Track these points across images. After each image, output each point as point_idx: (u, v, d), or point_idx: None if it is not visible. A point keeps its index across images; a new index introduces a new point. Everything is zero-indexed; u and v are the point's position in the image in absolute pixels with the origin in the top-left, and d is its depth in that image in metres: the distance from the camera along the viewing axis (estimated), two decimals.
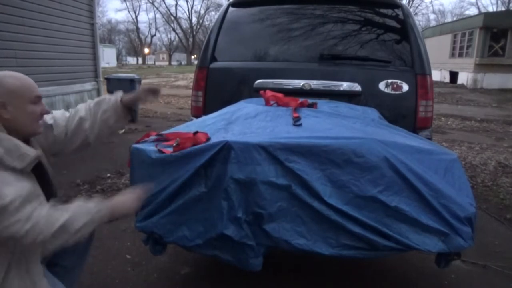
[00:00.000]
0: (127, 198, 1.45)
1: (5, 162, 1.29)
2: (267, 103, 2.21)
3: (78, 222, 1.31)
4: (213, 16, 50.02)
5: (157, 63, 68.17)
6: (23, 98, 1.40)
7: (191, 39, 59.12)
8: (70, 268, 1.76)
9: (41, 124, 1.48)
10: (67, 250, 1.70)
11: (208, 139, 1.63)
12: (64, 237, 1.30)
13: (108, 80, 7.60)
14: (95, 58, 7.00)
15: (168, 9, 71.82)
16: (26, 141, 1.51)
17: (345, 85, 2.56)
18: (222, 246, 1.57)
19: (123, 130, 6.70)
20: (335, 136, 1.59)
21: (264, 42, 2.85)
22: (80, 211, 1.34)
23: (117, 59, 55.47)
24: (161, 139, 1.82)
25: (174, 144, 1.64)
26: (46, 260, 1.64)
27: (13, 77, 1.43)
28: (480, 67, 16.58)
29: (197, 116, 2.64)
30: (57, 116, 1.70)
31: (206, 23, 57.51)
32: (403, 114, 2.55)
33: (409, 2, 35.95)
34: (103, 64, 10.77)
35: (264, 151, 1.50)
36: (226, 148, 1.51)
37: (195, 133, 1.66)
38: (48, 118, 1.66)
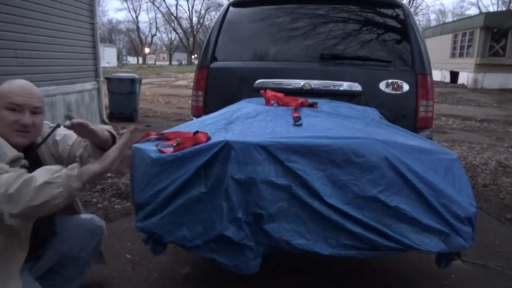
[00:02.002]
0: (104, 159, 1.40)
1: None
2: (267, 102, 2.21)
3: (39, 179, 1.24)
4: (214, 16, 50.08)
5: (157, 63, 68.24)
6: (0, 101, 1.43)
7: (191, 39, 59.15)
8: (70, 278, 1.77)
9: (19, 135, 1.45)
10: (69, 261, 1.71)
11: (209, 138, 1.63)
12: (26, 197, 1.22)
13: (108, 79, 7.60)
14: (95, 57, 6.99)
15: (169, 9, 71.81)
16: (30, 148, 1.52)
17: (345, 85, 2.56)
18: (221, 248, 1.56)
19: (124, 130, 6.71)
20: (336, 136, 1.59)
21: (264, 42, 2.85)
22: (42, 170, 1.29)
23: (118, 59, 55.49)
24: (162, 138, 1.82)
25: (174, 144, 1.63)
26: (45, 268, 1.65)
27: (9, 82, 1.47)
28: (481, 67, 16.57)
29: (198, 116, 2.63)
30: (67, 134, 1.70)
31: (207, 22, 57.62)
32: (404, 114, 2.54)
33: (409, 2, 35.93)
34: (103, 63, 10.77)
35: (265, 151, 1.50)
36: (226, 148, 1.50)
37: (195, 132, 1.66)
38: (57, 135, 1.68)
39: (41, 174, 1.26)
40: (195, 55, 56.02)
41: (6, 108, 1.42)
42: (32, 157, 1.52)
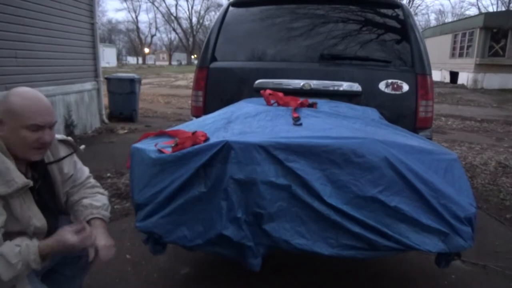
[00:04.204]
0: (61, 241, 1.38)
1: None
2: (267, 102, 2.21)
3: None
4: (213, 16, 50.10)
5: (157, 63, 68.24)
6: (18, 121, 1.36)
7: (191, 39, 59.17)
8: (70, 277, 1.77)
9: (38, 152, 1.43)
10: (70, 260, 1.71)
11: (207, 138, 1.63)
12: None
13: (108, 80, 7.60)
14: (95, 57, 6.98)
15: (168, 9, 72.01)
16: (40, 164, 1.51)
17: (345, 85, 2.56)
18: (222, 246, 1.57)
19: (126, 130, 6.71)
20: (335, 136, 1.59)
21: (264, 42, 2.85)
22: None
23: (117, 59, 55.49)
24: (161, 134, 1.83)
25: (173, 145, 1.63)
26: (46, 269, 1.65)
27: (21, 96, 1.38)
28: (481, 67, 16.58)
29: (197, 116, 2.63)
30: (84, 169, 1.74)
31: (206, 23, 57.68)
32: (403, 114, 2.54)
33: (409, 2, 35.92)
34: (103, 64, 10.76)
35: (264, 151, 1.50)
36: (226, 148, 1.51)
37: (194, 132, 1.66)
38: (78, 161, 1.69)
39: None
40: (195, 55, 56.04)
41: (25, 128, 1.36)
42: (41, 172, 1.52)
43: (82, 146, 1.74)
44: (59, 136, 1.67)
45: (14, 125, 1.36)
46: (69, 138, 1.71)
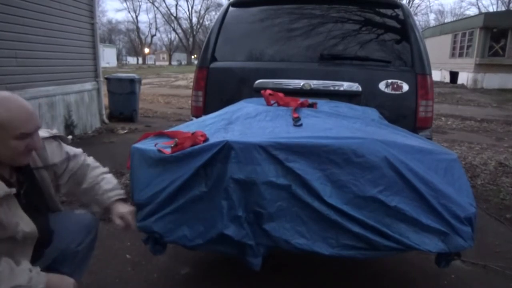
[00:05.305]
0: (64, 280, 1.47)
1: None
2: (267, 103, 2.21)
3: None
4: (213, 16, 50.16)
5: (157, 63, 68.32)
6: (6, 132, 1.32)
7: (191, 39, 59.20)
8: (68, 274, 1.76)
9: (27, 156, 1.42)
10: (67, 257, 1.70)
11: (206, 138, 1.63)
12: None
13: (108, 80, 7.60)
14: (95, 58, 6.98)
15: (169, 9, 72.01)
16: (26, 168, 1.50)
17: (345, 85, 2.56)
18: (223, 245, 1.57)
19: (126, 130, 6.71)
20: (335, 136, 1.59)
21: (264, 42, 2.85)
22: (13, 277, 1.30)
23: (117, 59, 55.54)
24: (161, 134, 1.83)
25: (172, 145, 1.64)
26: (44, 266, 1.65)
27: (4, 107, 1.32)
28: (480, 67, 16.59)
29: (198, 116, 2.63)
30: (78, 153, 1.76)
31: (206, 23, 57.74)
32: (403, 114, 2.54)
33: (409, 2, 35.94)
34: (103, 64, 10.75)
35: (264, 151, 1.50)
36: (226, 148, 1.51)
37: (193, 132, 1.66)
38: (70, 150, 1.70)
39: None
40: (195, 55, 56.06)
41: (14, 138, 1.33)
42: (27, 175, 1.51)
43: (70, 137, 1.75)
44: (45, 133, 1.63)
45: (2, 137, 1.32)
46: (54, 131, 1.68)
